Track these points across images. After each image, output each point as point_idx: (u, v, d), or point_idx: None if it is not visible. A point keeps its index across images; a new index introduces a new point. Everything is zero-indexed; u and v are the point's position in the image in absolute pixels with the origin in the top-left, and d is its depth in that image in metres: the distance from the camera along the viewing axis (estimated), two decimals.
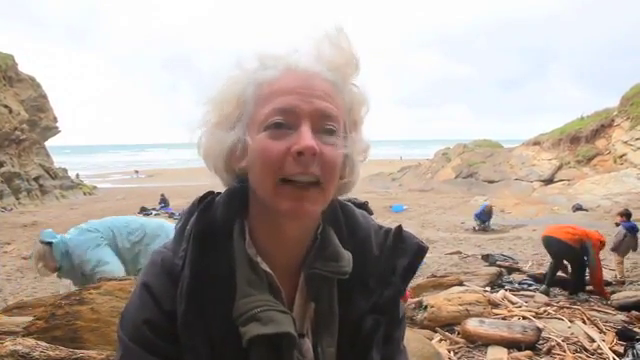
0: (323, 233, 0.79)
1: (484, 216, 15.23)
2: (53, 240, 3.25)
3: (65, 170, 28.85)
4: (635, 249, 7.21)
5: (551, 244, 6.58)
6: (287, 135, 0.70)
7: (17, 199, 22.19)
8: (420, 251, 0.84)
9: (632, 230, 7.14)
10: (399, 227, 0.86)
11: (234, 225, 0.77)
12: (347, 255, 0.79)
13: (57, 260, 3.23)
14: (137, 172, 52.55)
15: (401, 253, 0.83)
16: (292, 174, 0.69)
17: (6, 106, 23.01)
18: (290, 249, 0.78)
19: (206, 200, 0.78)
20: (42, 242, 3.28)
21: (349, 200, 0.89)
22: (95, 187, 32.03)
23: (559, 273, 6.72)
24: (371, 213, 0.91)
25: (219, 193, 0.81)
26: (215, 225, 0.77)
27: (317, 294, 0.78)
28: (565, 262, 6.63)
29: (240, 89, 0.74)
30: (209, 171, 0.80)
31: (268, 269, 0.75)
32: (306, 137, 0.68)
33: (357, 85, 0.79)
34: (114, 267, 3.12)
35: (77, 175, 42.00)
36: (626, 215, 7.46)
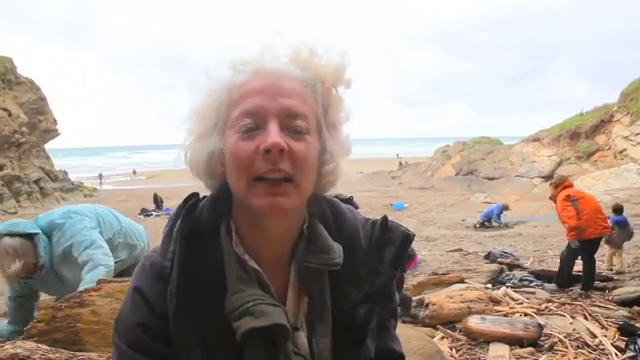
0: (310, 228, 0.81)
1: (499, 212, 15.75)
2: (36, 231, 2.61)
3: (65, 172, 28.86)
4: (628, 239, 7.47)
5: None
6: (256, 135, 0.72)
7: (17, 202, 22.21)
8: (406, 239, 0.87)
9: (618, 223, 7.38)
10: (384, 217, 0.89)
11: (220, 225, 0.79)
12: (337, 247, 0.81)
13: (41, 256, 2.61)
14: (135, 172, 52.64)
15: (388, 242, 0.86)
16: (263, 172, 0.71)
17: (5, 109, 23.02)
18: (276, 245, 0.80)
19: (190, 202, 0.80)
20: (19, 235, 2.57)
21: (335, 196, 0.91)
22: (96, 189, 32.05)
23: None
24: (357, 207, 0.94)
25: (205, 196, 0.83)
26: (202, 226, 0.79)
27: (309, 287, 0.81)
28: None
29: (215, 97, 0.77)
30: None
31: (256, 266, 0.76)
32: (273, 134, 0.70)
33: (337, 89, 0.81)
34: (106, 254, 2.68)
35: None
36: (614, 210, 7.75)
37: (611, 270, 7.11)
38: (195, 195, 0.82)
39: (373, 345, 0.84)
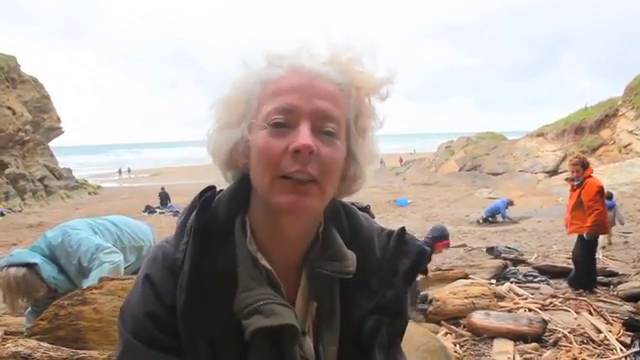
0: (325, 233, 0.80)
1: (506, 207, 15.76)
2: (35, 261, 2.59)
3: (69, 170, 29.01)
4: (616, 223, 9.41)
5: None
6: (287, 134, 0.71)
7: (22, 200, 22.34)
8: (421, 254, 0.85)
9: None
10: (402, 229, 0.87)
11: (235, 221, 0.78)
12: (351, 255, 0.79)
13: (51, 282, 2.62)
14: (129, 170, 52.33)
15: (403, 255, 0.84)
16: (290, 172, 0.70)
17: (9, 108, 23.12)
18: (290, 247, 0.78)
19: (207, 195, 0.79)
20: (20, 265, 2.55)
21: (352, 203, 0.90)
22: (99, 186, 32.20)
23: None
24: (373, 217, 0.92)
25: (221, 190, 0.82)
26: (216, 220, 0.77)
27: (319, 293, 0.79)
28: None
29: (247, 88, 0.76)
30: (215, 169, 0.82)
31: (268, 265, 0.75)
32: (304, 135, 0.69)
33: (371, 98, 0.80)
34: (112, 252, 2.67)
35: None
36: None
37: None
38: (212, 188, 0.80)
39: (382, 358, 0.83)
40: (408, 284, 0.85)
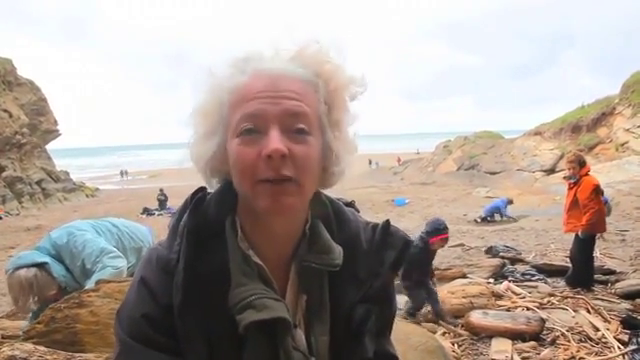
0: (313, 228, 0.82)
1: (506, 206, 15.76)
2: (45, 260, 2.61)
3: (67, 173, 28.91)
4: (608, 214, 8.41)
5: None
6: (258, 140, 0.72)
7: (20, 203, 22.28)
8: (406, 244, 0.89)
9: None
10: (387, 222, 0.90)
11: (226, 220, 0.80)
12: (338, 248, 0.82)
13: (61, 280, 2.63)
14: (127, 172, 51.61)
15: (389, 246, 0.87)
16: (265, 177, 0.71)
17: (6, 110, 23.06)
18: (279, 244, 0.81)
19: (198, 196, 0.81)
20: (30, 266, 2.56)
21: (337, 199, 0.92)
22: (97, 189, 32.09)
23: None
24: (358, 211, 0.95)
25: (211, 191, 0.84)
26: (208, 220, 0.80)
27: (308, 286, 0.82)
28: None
29: (217, 96, 0.77)
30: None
31: (259, 261, 0.78)
32: (273, 140, 0.70)
33: (342, 92, 0.80)
34: (116, 257, 2.67)
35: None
36: None
37: None
38: (203, 189, 0.83)
39: (372, 346, 0.85)
40: (394, 273, 0.89)
